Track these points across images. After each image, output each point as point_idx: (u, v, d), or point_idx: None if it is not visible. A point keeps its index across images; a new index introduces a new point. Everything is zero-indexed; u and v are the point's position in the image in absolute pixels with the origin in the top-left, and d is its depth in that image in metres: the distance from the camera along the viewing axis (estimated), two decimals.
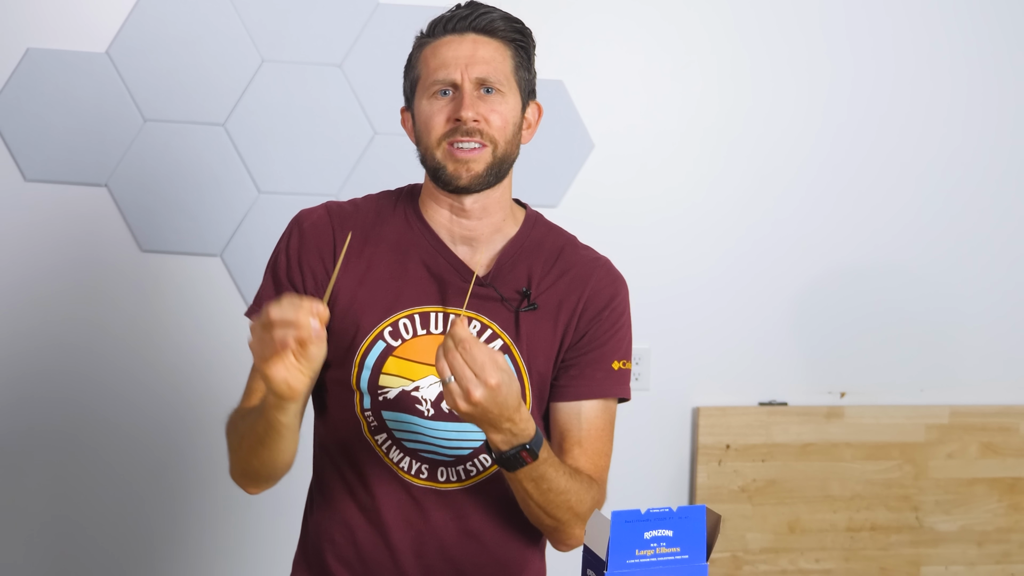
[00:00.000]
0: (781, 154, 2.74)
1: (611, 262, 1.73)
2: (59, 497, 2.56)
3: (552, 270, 1.67)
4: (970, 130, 2.80)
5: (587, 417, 1.66)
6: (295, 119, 2.55)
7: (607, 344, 1.67)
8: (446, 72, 1.60)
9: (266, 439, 1.52)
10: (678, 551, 1.28)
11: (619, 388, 1.68)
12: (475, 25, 1.62)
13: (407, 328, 1.63)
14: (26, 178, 2.50)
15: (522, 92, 1.66)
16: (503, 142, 1.61)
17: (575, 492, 1.57)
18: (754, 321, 2.75)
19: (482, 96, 1.60)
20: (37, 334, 2.53)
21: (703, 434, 2.71)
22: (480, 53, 1.61)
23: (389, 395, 1.62)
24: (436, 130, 1.60)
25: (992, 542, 2.84)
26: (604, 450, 1.67)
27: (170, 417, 2.57)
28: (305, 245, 1.66)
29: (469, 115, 1.58)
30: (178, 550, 2.60)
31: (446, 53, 1.61)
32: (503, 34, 1.63)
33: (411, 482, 1.64)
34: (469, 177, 1.60)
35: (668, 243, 2.71)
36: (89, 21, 2.49)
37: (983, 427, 2.82)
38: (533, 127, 1.70)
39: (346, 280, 1.64)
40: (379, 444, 1.64)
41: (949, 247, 2.81)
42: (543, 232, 1.72)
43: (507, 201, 1.69)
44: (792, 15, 2.72)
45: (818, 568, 2.78)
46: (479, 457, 1.64)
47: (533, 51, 1.69)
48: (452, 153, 1.60)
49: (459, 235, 1.67)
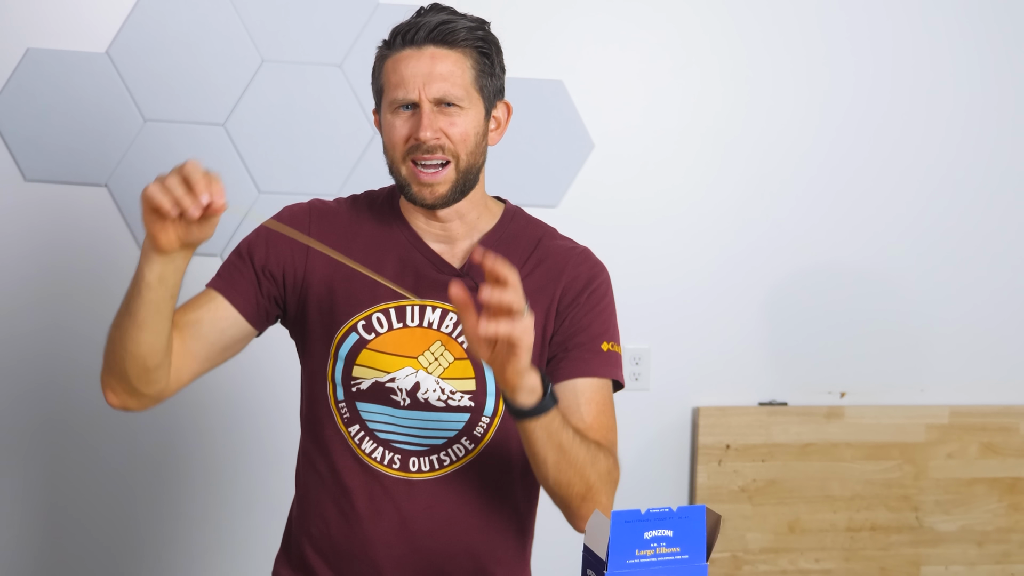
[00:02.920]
0: (781, 154, 2.74)
1: (590, 251, 1.74)
2: (59, 495, 2.56)
3: (529, 260, 1.69)
4: (970, 131, 2.80)
5: (585, 395, 1.64)
6: (295, 119, 2.55)
7: (592, 326, 1.67)
8: (404, 91, 1.61)
9: (131, 307, 1.49)
10: (678, 551, 1.28)
11: (611, 370, 1.67)
12: (434, 37, 1.61)
13: (381, 322, 1.65)
14: (26, 178, 2.50)
15: (485, 99, 1.66)
16: (465, 154, 1.63)
17: (586, 448, 1.55)
18: (754, 321, 2.75)
19: (443, 110, 1.61)
20: (37, 334, 2.53)
21: (703, 434, 2.71)
22: (438, 69, 1.60)
23: (362, 386, 1.64)
24: (398, 147, 1.63)
25: (992, 542, 2.84)
26: (608, 424, 1.65)
27: (170, 417, 2.56)
28: (291, 241, 1.67)
29: (428, 135, 1.59)
30: (171, 544, 2.60)
31: (404, 70, 1.61)
32: (464, 44, 1.63)
33: (384, 472, 1.66)
34: (434, 198, 1.63)
35: (668, 243, 2.71)
36: (89, 21, 2.49)
37: (983, 427, 2.82)
38: (502, 127, 1.71)
39: (322, 272, 1.67)
40: (352, 436, 1.66)
41: (951, 247, 2.81)
42: (521, 225, 1.73)
43: (480, 199, 1.71)
44: (791, 15, 2.72)
45: (818, 568, 2.78)
46: (453, 447, 1.65)
47: (498, 53, 1.68)
48: (416, 175, 1.62)
49: (434, 235, 1.69)
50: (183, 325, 1.62)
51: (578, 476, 1.54)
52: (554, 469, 1.53)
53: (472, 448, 1.66)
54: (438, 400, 1.64)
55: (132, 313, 1.49)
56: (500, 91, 1.69)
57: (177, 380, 1.61)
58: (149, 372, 1.54)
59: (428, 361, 1.65)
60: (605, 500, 1.58)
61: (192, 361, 1.62)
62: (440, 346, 1.65)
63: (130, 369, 1.53)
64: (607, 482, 1.58)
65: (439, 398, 1.64)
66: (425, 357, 1.65)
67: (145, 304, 1.48)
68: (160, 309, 1.48)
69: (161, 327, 1.50)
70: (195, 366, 1.63)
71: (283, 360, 2.58)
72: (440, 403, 1.64)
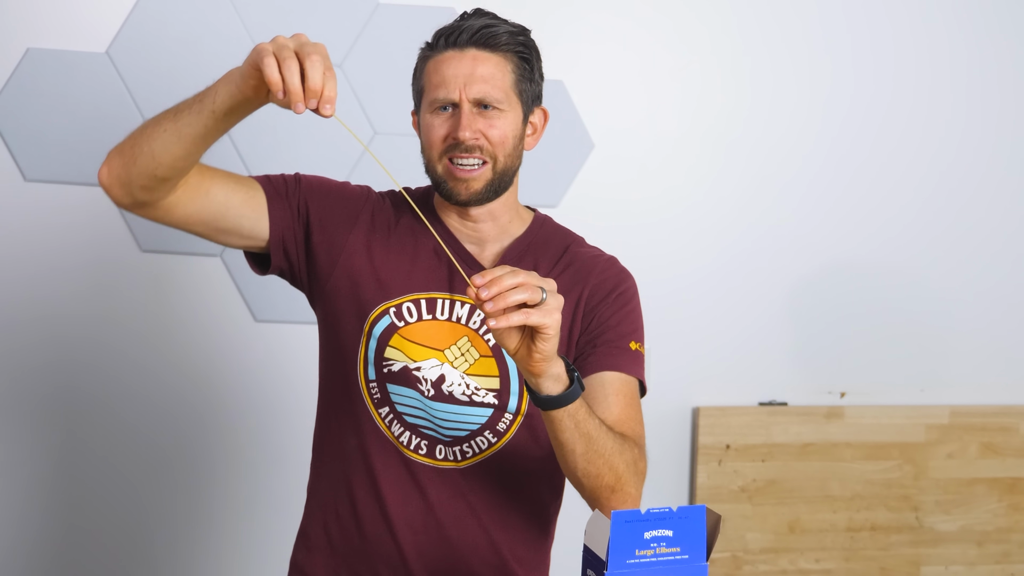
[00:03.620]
0: (781, 154, 2.74)
1: (617, 259, 1.76)
2: (58, 493, 2.56)
3: (557, 264, 1.71)
4: (970, 131, 2.80)
5: (613, 388, 1.64)
6: (295, 119, 2.55)
7: (620, 324, 1.68)
8: (446, 91, 1.64)
9: (180, 113, 1.48)
10: (678, 551, 1.28)
11: (638, 369, 1.67)
12: (476, 40, 1.65)
13: (411, 311, 1.67)
14: (26, 178, 2.50)
15: (524, 103, 1.69)
16: (502, 156, 1.65)
17: (612, 438, 1.54)
18: (754, 321, 2.75)
19: (481, 112, 1.64)
20: (37, 334, 2.52)
21: (703, 434, 2.71)
22: (479, 71, 1.64)
23: (394, 368, 1.66)
24: (436, 146, 1.65)
25: (992, 542, 2.84)
26: (637, 418, 1.65)
27: (170, 417, 2.57)
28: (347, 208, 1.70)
29: (467, 135, 1.62)
30: (176, 547, 2.60)
31: (446, 71, 1.64)
32: (505, 48, 1.66)
33: (411, 457, 1.67)
34: (468, 194, 1.65)
35: (668, 243, 2.71)
36: (89, 21, 2.49)
37: (983, 427, 2.82)
38: (538, 132, 1.74)
39: (359, 258, 1.68)
40: (382, 418, 1.67)
41: (949, 247, 2.81)
42: (550, 232, 1.76)
43: (513, 203, 1.73)
44: (792, 15, 2.72)
45: (818, 568, 2.78)
46: (476, 439, 1.66)
47: (537, 60, 1.71)
48: (452, 171, 1.65)
49: (467, 235, 1.72)
50: (219, 184, 1.61)
51: (607, 466, 1.54)
52: (583, 460, 1.53)
53: (495, 442, 1.67)
54: (462, 394, 1.66)
55: (177, 119, 1.48)
56: (538, 97, 1.72)
57: (167, 211, 1.58)
58: (154, 179, 1.52)
59: (454, 355, 1.66)
60: (634, 491, 1.58)
61: (194, 210, 1.60)
62: (467, 342, 1.67)
63: (140, 163, 1.51)
64: (635, 472, 1.58)
65: (463, 392, 1.66)
66: (451, 351, 1.66)
67: (194, 120, 1.47)
68: (203, 134, 1.48)
69: (191, 149, 1.49)
70: (192, 216, 1.60)
71: (284, 360, 2.59)
72: (464, 397, 1.66)
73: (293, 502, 1.93)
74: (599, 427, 1.53)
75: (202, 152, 1.52)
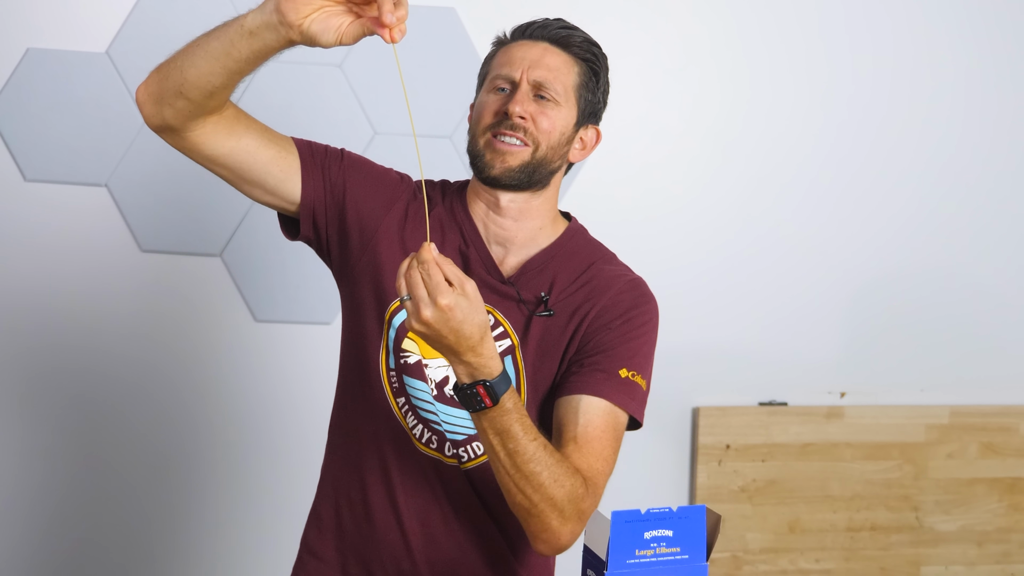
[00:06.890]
0: (780, 154, 2.74)
1: (644, 282, 1.72)
2: (58, 493, 2.56)
3: (576, 280, 1.68)
4: (969, 131, 2.80)
5: (585, 414, 1.58)
6: (295, 119, 2.55)
7: (616, 350, 1.63)
8: (509, 69, 1.65)
9: (213, 32, 1.48)
10: (678, 551, 1.28)
11: (623, 397, 1.60)
12: (551, 36, 1.67)
13: None
14: (26, 178, 2.50)
15: (580, 109, 1.69)
16: (545, 146, 1.65)
17: (548, 467, 1.48)
18: (754, 321, 2.75)
19: (537, 100, 1.64)
20: (37, 334, 2.52)
21: (703, 434, 2.71)
22: (546, 60, 1.66)
23: (410, 359, 1.65)
24: (484, 120, 1.65)
25: (992, 542, 2.84)
26: (602, 453, 1.57)
27: (170, 416, 2.57)
28: (386, 193, 1.69)
29: (516, 110, 1.62)
30: (176, 546, 2.60)
31: (515, 53, 1.67)
32: (576, 51, 1.68)
33: (422, 451, 1.66)
34: (502, 168, 1.63)
35: (668, 242, 2.71)
36: (89, 21, 2.49)
37: (983, 427, 2.82)
38: (588, 149, 1.74)
39: (386, 248, 1.67)
40: (399, 407, 1.66)
41: (948, 247, 2.81)
42: (579, 245, 1.74)
43: (548, 210, 1.72)
44: (791, 15, 2.72)
45: (818, 568, 2.78)
46: (472, 444, 1.65)
47: (605, 73, 1.72)
48: (492, 143, 1.64)
49: (494, 233, 1.69)
50: (253, 133, 1.60)
51: (535, 492, 1.48)
52: (506, 476, 1.49)
53: None
54: None
55: (210, 34, 1.48)
56: (596, 114, 1.73)
57: (194, 145, 1.57)
58: (180, 96, 1.51)
59: None
60: (558, 527, 1.51)
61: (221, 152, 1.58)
62: None
63: (171, 78, 1.51)
64: (572, 510, 1.51)
65: None
66: None
67: (221, 34, 1.47)
68: (228, 51, 1.46)
69: (215, 68, 1.47)
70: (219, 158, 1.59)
71: (284, 360, 2.59)
72: None
73: (293, 500, 1.93)
74: (537, 449, 1.47)
75: (227, 79, 1.49)
